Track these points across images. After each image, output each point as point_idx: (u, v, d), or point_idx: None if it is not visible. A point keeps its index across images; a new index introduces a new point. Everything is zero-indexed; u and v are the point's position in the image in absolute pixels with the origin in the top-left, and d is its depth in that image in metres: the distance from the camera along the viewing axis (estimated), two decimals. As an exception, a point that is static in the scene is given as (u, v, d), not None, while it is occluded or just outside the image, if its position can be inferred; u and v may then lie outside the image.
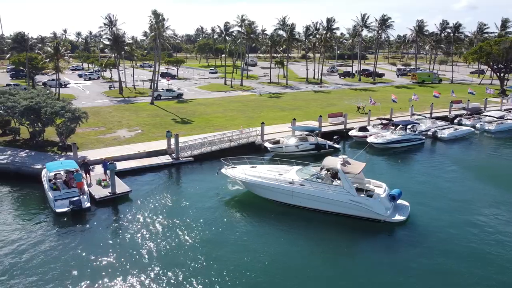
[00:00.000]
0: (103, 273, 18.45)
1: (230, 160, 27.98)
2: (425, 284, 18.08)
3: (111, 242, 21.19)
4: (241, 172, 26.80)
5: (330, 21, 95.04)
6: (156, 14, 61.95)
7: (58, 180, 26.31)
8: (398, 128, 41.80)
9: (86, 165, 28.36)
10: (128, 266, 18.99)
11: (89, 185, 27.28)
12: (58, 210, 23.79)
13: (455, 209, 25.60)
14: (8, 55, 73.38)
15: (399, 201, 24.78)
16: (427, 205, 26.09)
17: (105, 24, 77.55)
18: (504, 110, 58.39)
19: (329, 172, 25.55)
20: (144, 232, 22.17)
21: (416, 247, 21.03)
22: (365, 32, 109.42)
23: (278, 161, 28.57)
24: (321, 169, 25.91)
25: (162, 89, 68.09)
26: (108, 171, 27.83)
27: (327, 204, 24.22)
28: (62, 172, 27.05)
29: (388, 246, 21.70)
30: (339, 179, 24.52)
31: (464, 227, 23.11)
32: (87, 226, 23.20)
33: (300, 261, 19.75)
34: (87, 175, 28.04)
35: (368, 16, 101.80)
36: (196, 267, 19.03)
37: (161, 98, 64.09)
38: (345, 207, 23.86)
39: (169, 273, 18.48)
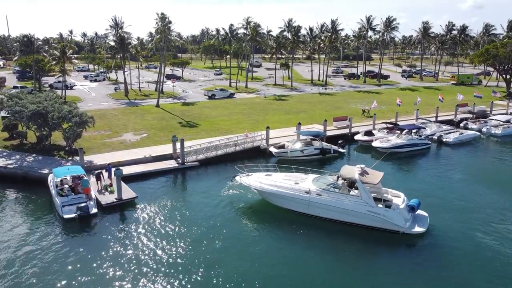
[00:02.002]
0: (110, 280, 18.61)
1: (241, 166, 27.60)
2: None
3: (117, 249, 21.31)
4: (256, 181, 26.40)
5: (335, 22, 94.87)
6: (163, 17, 62.10)
7: (65, 186, 26.51)
8: (404, 132, 41.66)
9: (99, 173, 28.59)
10: (134, 274, 19.12)
11: (99, 192, 27.58)
12: (65, 216, 24.01)
13: (473, 219, 25.15)
14: (15, 58, 73.87)
15: (418, 212, 24.16)
16: (444, 215, 25.52)
17: (111, 26, 78.02)
18: (511, 113, 58.06)
19: (345, 181, 25.07)
20: (151, 239, 22.29)
21: (437, 261, 20.62)
22: (370, 33, 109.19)
23: (293, 169, 28.06)
24: (338, 178, 25.43)
25: (216, 89, 73.06)
26: (112, 176, 28.25)
27: (344, 214, 23.78)
28: (68, 178, 27.24)
29: (408, 259, 21.17)
30: (356, 188, 24.11)
31: (484, 239, 22.63)
32: (94, 232, 23.39)
33: (316, 272, 19.54)
34: (99, 182, 28.30)
35: (373, 18, 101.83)
36: (204, 276, 19.05)
37: (216, 97, 69.21)
38: (363, 218, 23.38)
39: (176, 282, 18.58)
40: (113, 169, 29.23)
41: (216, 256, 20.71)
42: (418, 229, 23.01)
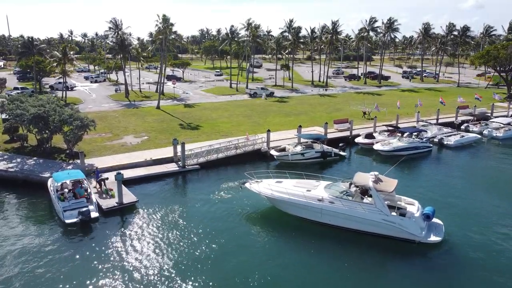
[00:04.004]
0: (112, 284, 18.58)
1: (251, 173, 27.15)
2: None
3: (119, 253, 21.26)
4: (267, 188, 25.79)
5: (335, 24, 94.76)
6: (164, 19, 61.98)
7: (65, 190, 26.47)
8: (405, 135, 41.51)
9: (101, 178, 28.63)
10: (135, 277, 19.07)
11: (100, 196, 27.55)
12: (67, 221, 23.96)
13: (487, 226, 24.52)
14: (17, 60, 74.01)
15: (433, 220, 23.48)
16: (458, 223, 24.80)
17: (110, 28, 78.03)
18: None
19: (359, 189, 24.39)
20: (152, 243, 22.25)
21: (456, 272, 20.15)
22: (371, 34, 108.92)
23: (304, 176, 27.41)
24: (351, 185, 24.89)
25: (257, 87, 78.76)
26: (102, 180, 28.44)
27: (358, 223, 23.23)
28: (68, 182, 27.18)
29: (425, 269, 20.53)
30: (369, 196, 23.66)
31: (503, 248, 22.16)
32: (96, 237, 23.31)
33: (329, 282, 19.24)
34: (100, 187, 28.31)
35: (375, 20, 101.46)
36: (205, 281, 18.97)
37: (257, 95, 74.40)
38: (377, 227, 22.85)
39: (177, 287, 18.58)
40: (103, 174, 29.27)
41: (218, 260, 20.59)
42: (434, 238, 22.34)
